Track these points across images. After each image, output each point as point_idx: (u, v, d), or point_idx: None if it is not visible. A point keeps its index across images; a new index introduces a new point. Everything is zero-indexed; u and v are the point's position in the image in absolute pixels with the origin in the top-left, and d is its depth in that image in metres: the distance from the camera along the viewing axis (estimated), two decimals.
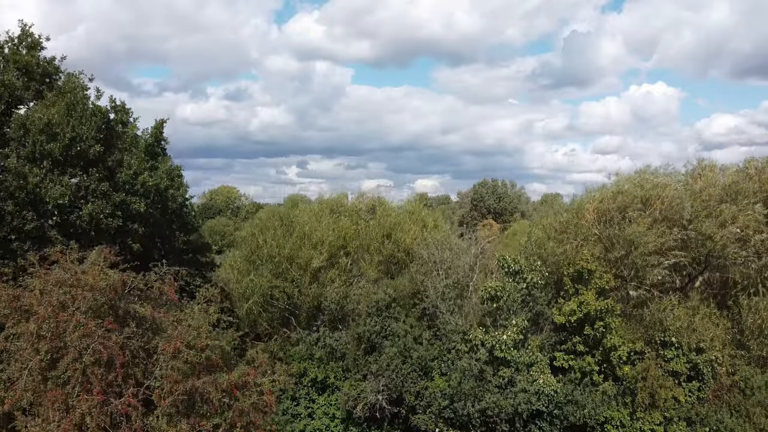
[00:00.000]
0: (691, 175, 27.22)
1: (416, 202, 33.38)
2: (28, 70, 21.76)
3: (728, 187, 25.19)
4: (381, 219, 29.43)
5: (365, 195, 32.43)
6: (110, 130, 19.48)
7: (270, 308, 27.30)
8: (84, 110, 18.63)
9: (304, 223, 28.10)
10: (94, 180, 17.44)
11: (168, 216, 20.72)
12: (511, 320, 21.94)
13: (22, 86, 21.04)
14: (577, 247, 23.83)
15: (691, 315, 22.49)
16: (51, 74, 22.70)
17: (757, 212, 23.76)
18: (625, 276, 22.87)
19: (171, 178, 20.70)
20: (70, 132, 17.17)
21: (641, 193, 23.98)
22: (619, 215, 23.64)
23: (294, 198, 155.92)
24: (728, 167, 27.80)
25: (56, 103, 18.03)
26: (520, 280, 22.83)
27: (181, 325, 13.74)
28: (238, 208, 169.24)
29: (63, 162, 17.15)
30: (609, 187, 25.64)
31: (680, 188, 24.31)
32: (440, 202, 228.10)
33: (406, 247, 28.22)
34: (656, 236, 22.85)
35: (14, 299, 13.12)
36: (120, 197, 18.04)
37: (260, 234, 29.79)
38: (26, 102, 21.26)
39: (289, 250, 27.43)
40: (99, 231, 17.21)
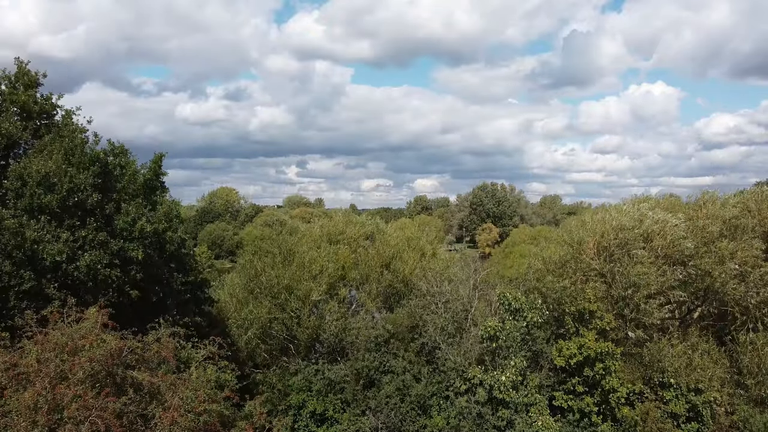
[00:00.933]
0: (693, 206, 27.22)
1: (415, 229, 33.21)
2: (26, 109, 21.71)
3: (729, 221, 25.21)
4: (380, 248, 29.45)
5: (365, 223, 32.37)
6: (108, 174, 19.38)
7: (269, 339, 27.32)
8: (82, 157, 18.54)
9: (304, 253, 28.07)
10: (91, 230, 17.37)
11: (165, 257, 20.62)
12: (510, 360, 21.91)
13: (20, 127, 20.99)
14: (578, 283, 23.85)
15: (690, 352, 22.53)
16: (48, 112, 22.65)
17: (755, 248, 23.79)
18: (625, 315, 22.84)
19: (169, 219, 20.60)
20: (67, 183, 17.09)
21: (642, 229, 23.95)
22: (620, 251, 23.63)
23: (293, 199, 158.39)
24: (730, 198, 27.83)
25: (54, 152, 17.91)
26: (519, 318, 22.79)
27: (178, 389, 13.69)
28: (237, 211, 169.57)
29: (60, 214, 17.07)
30: (609, 220, 25.59)
31: (681, 224, 24.26)
32: (439, 204, 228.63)
33: (404, 277, 28.24)
34: (658, 275, 22.88)
35: (11, 367, 13.05)
36: (117, 245, 17.96)
37: (259, 261, 29.85)
38: (23, 143, 21.18)
39: (288, 280, 27.43)
40: (97, 281, 17.14)
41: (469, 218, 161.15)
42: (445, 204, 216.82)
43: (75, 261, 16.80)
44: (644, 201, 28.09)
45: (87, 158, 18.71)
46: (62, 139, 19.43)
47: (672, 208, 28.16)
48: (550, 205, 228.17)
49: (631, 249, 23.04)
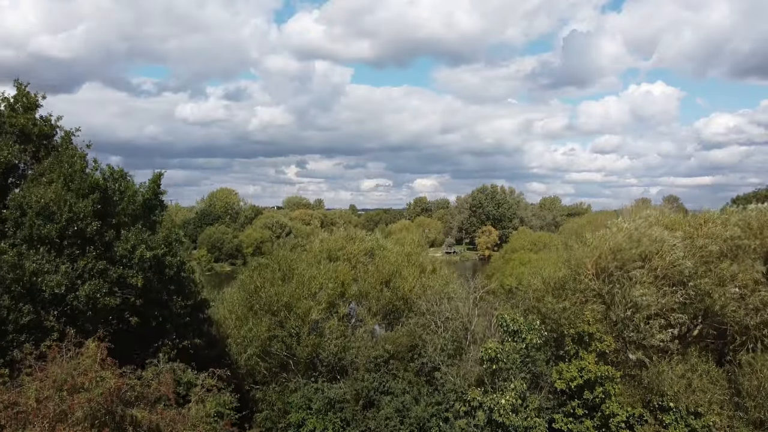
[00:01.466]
0: (693, 223, 27.19)
1: (415, 245, 33.19)
2: (25, 132, 21.71)
3: (729, 240, 25.20)
4: (380, 265, 29.44)
5: (365, 239, 32.37)
6: (107, 200, 19.37)
7: (268, 358, 27.32)
8: (82, 183, 18.53)
9: (303, 271, 28.07)
10: (91, 258, 17.37)
11: (165, 280, 20.62)
12: (510, 383, 21.91)
13: (19, 150, 20.98)
14: (578, 304, 23.85)
15: (690, 374, 22.54)
16: (48, 134, 22.65)
17: (756, 270, 23.79)
18: (625, 337, 22.84)
19: (168, 243, 20.59)
20: (67, 212, 17.08)
21: (640, 250, 23.94)
22: (619, 272, 23.63)
23: (292, 200, 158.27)
24: (732, 215, 27.76)
25: (53, 180, 17.91)
26: (518, 340, 22.79)
27: (177, 425, 13.70)
28: (236, 213, 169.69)
29: (60, 243, 17.07)
30: (607, 238, 25.56)
31: (679, 244, 24.25)
32: (439, 206, 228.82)
33: (404, 294, 28.22)
34: (658, 297, 22.88)
35: (11, 405, 13.05)
36: (117, 272, 17.96)
37: (258, 277, 29.89)
38: (22, 166, 21.16)
39: (288, 298, 27.44)
40: (96, 310, 17.14)
41: (468, 221, 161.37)
42: (444, 205, 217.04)
43: (74, 290, 16.80)
44: (643, 216, 28.00)
45: (86, 185, 18.69)
46: (61, 164, 19.41)
47: (672, 225, 28.16)
48: (549, 207, 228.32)
49: (629, 270, 23.02)
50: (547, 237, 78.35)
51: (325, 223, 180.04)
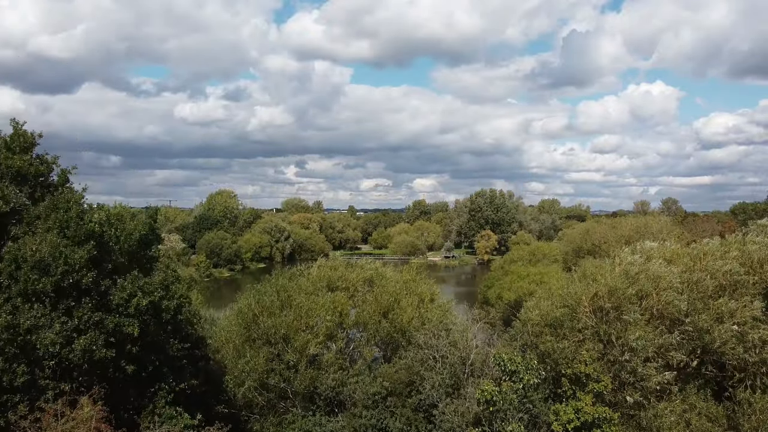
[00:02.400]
0: (693, 255, 27.08)
1: (414, 271, 33.12)
2: (21, 173, 21.60)
3: (728, 274, 25.13)
4: (378, 296, 29.39)
5: (365, 268, 32.28)
6: (103, 246, 19.27)
7: (266, 390, 27.25)
8: (78, 231, 18.41)
9: (301, 303, 28.00)
10: (86, 310, 17.27)
11: (162, 324, 20.51)
12: (507, 425, 21.84)
13: (15, 193, 20.89)
14: (576, 342, 23.79)
15: (688, 413, 22.49)
16: (44, 173, 22.55)
17: (755, 308, 23.72)
18: (623, 378, 22.77)
19: (165, 286, 20.48)
20: (62, 265, 16.98)
21: (636, 288, 23.88)
22: (615, 312, 23.58)
23: (291, 202, 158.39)
24: (732, 246, 27.65)
25: (50, 228, 17.80)
26: (516, 380, 22.72)
27: None
28: (235, 217, 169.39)
29: (55, 297, 16.97)
30: (605, 273, 25.47)
31: (676, 281, 24.18)
32: (438, 209, 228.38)
33: (402, 326, 28.17)
34: (656, 335, 22.84)
35: None
36: (113, 321, 17.86)
37: (257, 305, 29.83)
38: (17, 208, 21.04)
39: (286, 330, 27.41)
40: (92, 363, 17.05)
41: (468, 225, 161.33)
42: (443, 208, 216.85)
43: (70, 344, 16.71)
44: (643, 250, 27.93)
45: (82, 232, 18.58)
46: (58, 211, 19.30)
47: (672, 256, 28.07)
48: (548, 209, 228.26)
49: (624, 311, 23.00)
50: (546, 247, 78.32)
51: (324, 227, 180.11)
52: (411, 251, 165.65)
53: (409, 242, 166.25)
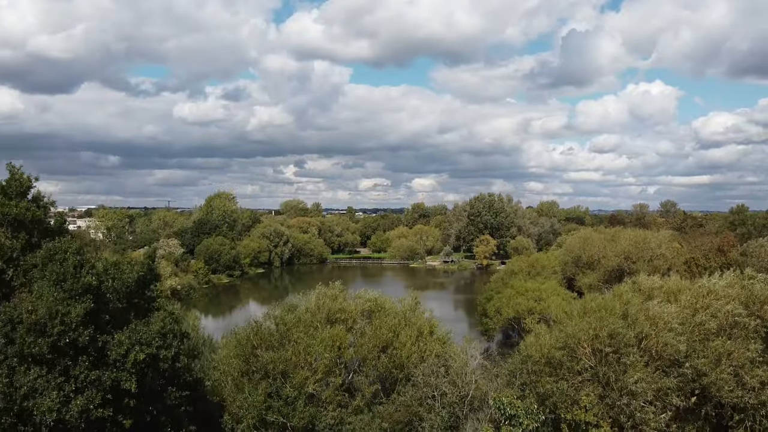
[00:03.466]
0: (696, 293, 27.02)
1: (413, 302, 33.01)
2: (18, 219, 21.48)
3: (728, 314, 25.10)
4: (377, 330, 29.29)
5: (364, 298, 32.18)
6: (100, 298, 19.16)
7: (264, 428, 27.14)
8: (74, 285, 18.29)
9: (299, 339, 27.90)
10: (83, 369, 17.17)
11: (160, 373, 20.40)
12: None
13: (11, 239, 20.76)
14: (576, 385, 23.72)
15: None
16: (40, 218, 22.42)
17: (752, 351, 23.69)
18: (622, 422, 22.72)
19: (163, 335, 20.37)
20: (59, 325, 16.87)
21: (636, 331, 23.84)
22: (614, 355, 23.52)
23: (290, 203, 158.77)
24: (735, 284, 27.60)
25: (44, 288, 17.67)
26: (516, 424, 22.62)
27: None
28: (234, 221, 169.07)
29: (51, 359, 16.87)
30: (605, 314, 25.41)
31: (676, 323, 24.13)
32: (437, 212, 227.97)
33: (401, 362, 28.08)
34: (654, 378, 22.80)
35: None
36: (111, 377, 17.76)
37: (255, 337, 29.76)
38: (14, 255, 20.91)
39: (284, 366, 27.32)
40: (89, 422, 16.95)
41: (466, 229, 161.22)
42: (442, 211, 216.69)
43: (67, 404, 16.60)
44: (644, 289, 27.87)
45: (79, 286, 18.46)
46: (54, 262, 19.18)
47: (675, 290, 28.00)
48: (547, 212, 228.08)
49: (623, 355, 22.95)
50: (545, 258, 78.28)
51: (323, 231, 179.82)
52: (410, 255, 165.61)
53: (408, 246, 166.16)
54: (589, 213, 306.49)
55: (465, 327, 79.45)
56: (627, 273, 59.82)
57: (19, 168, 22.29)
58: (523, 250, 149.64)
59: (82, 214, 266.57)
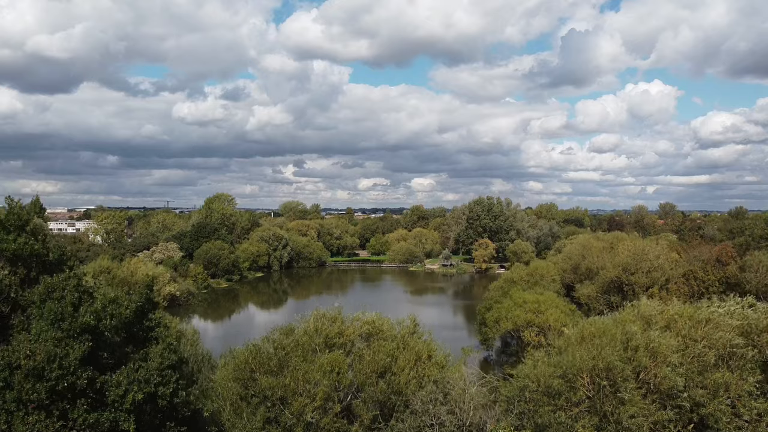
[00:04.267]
0: (694, 321, 27.04)
1: (411, 324, 33.03)
2: (16, 255, 21.48)
3: (725, 345, 25.13)
4: (375, 353, 29.30)
5: (362, 320, 32.17)
6: (99, 336, 19.17)
7: None
8: (72, 324, 18.30)
9: (297, 366, 27.93)
10: (81, 412, 17.18)
11: (158, 410, 20.43)
12: None
13: (9, 275, 20.77)
14: (573, 417, 23.78)
15: None
16: (39, 254, 22.41)
17: (750, 383, 23.73)
18: None
19: (162, 371, 20.38)
20: (57, 369, 16.89)
21: (633, 365, 23.88)
22: (611, 388, 23.57)
23: (289, 205, 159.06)
24: (734, 311, 27.62)
25: (44, 330, 17.68)
26: None
27: None
28: (233, 224, 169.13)
29: (49, 404, 16.88)
30: (607, 340, 25.45)
31: (673, 356, 24.17)
32: (436, 214, 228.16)
33: (399, 388, 28.11)
34: (651, 412, 22.85)
35: None
36: (108, 418, 17.78)
37: (253, 361, 29.81)
38: (12, 292, 20.92)
39: (282, 392, 27.36)
40: None
41: (465, 232, 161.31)
42: (441, 214, 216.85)
43: None
44: (643, 316, 27.89)
45: (77, 325, 18.47)
46: (52, 299, 19.20)
47: (674, 317, 27.99)
48: (546, 214, 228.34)
49: (621, 388, 23.01)
50: (544, 267, 78.26)
51: (322, 234, 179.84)
52: (409, 259, 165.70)
53: (407, 249, 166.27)
54: (588, 214, 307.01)
55: (464, 334, 79.66)
56: (625, 284, 60.00)
57: (18, 201, 22.29)
58: (522, 254, 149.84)
59: (80, 216, 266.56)
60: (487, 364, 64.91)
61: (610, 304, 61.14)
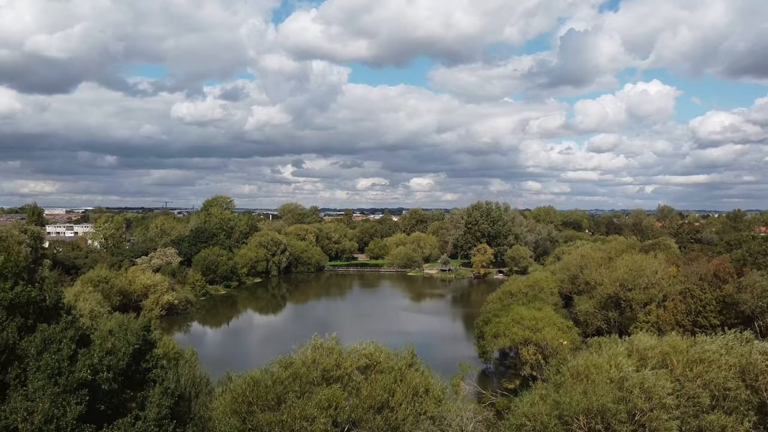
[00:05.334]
0: (689, 360, 27.11)
1: (409, 356, 33.09)
2: (13, 304, 21.51)
3: (720, 385, 25.22)
4: (372, 387, 29.38)
5: (360, 353, 32.21)
6: (95, 390, 19.19)
7: None
8: (69, 378, 18.32)
9: (294, 403, 28.00)
10: None
11: None
12: None
13: (5, 325, 20.81)
14: None
15: None
16: (35, 300, 22.43)
17: (745, 427, 23.83)
18: None
19: (160, 421, 20.40)
20: (54, 430, 16.90)
21: (628, 406, 23.97)
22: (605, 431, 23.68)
23: (287, 207, 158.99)
24: (728, 352, 27.65)
25: (41, 387, 17.71)
26: None
27: None
28: (231, 228, 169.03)
29: None
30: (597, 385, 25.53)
31: (669, 399, 24.26)
32: (434, 218, 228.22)
33: (396, 424, 28.19)
34: None
35: None
36: None
37: (251, 393, 29.90)
38: (8, 345, 20.92)
39: (280, 429, 27.44)
40: None
41: (464, 237, 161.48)
42: (440, 217, 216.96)
43: None
44: (637, 351, 27.96)
45: (74, 379, 18.48)
46: (50, 351, 19.22)
47: (670, 351, 28.08)
48: (544, 217, 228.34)
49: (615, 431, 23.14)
50: (543, 279, 78.49)
51: (320, 238, 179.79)
52: (408, 263, 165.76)
53: (406, 254, 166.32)
54: (587, 215, 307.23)
55: (463, 345, 79.57)
56: (623, 301, 60.13)
57: (16, 249, 22.26)
58: (521, 259, 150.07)
59: (79, 219, 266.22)
60: (486, 377, 65.04)
61: (608, 320, 61.28)
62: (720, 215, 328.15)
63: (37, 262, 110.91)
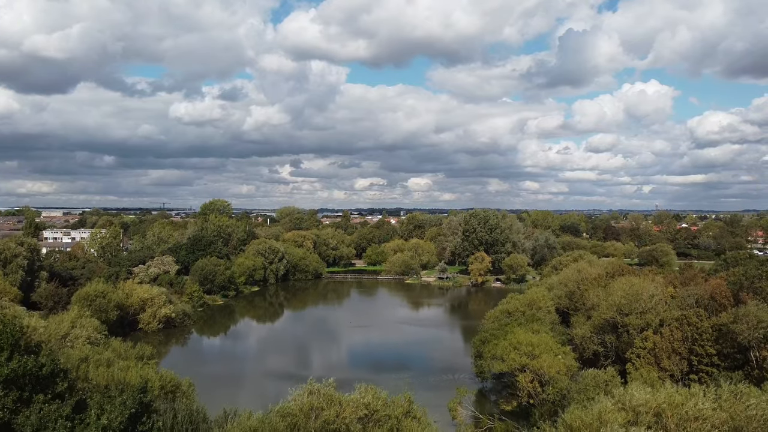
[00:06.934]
0: (682, 417, 27.21)
1: (406, 404, 33.14)
2: (10, 378, 21.47)
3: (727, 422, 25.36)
4: None
5: (358, 402, 32.19)
6: None
7: None
8: None
9: None
10: None
11: None
12: None
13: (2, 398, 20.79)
14: None
15: None
16: (31, 371, 22.41)
17: None
18: None
19: None
20: None
21: None
22: None
23: (285, 210, 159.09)
24: (722, 407, 27.76)
25: None
26: None
27: None
28: (229, 236, 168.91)
29: None
30: None
31: None
32: (431, 223, 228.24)
33: None
34: None
35: None
36: None
37: None
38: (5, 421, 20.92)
39: None
40: None
41: (462, 245, 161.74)
42: (437, 223, 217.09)
43: None
44: (630, 406, 28.04)
45: None
46: None
47: (662, 411, 28.14)
48: (542, 221, 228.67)
49: None
50: (541, 298, 78.58)
51: (318, 244, 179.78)
52: (405, 270, 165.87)
53: (404, 261, 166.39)
54: (585, 217, 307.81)
55: (461, 360, 79.55)
56: (620, 326, 60.23)
57: (11, 320, 22.28)
58: (518, 267, 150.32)
59: (76, 223, 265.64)
60: (483, 397, 65.17)
61: (604, 343, 61.44)
62: (718, 216, 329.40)
63: (34, 275, 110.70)
